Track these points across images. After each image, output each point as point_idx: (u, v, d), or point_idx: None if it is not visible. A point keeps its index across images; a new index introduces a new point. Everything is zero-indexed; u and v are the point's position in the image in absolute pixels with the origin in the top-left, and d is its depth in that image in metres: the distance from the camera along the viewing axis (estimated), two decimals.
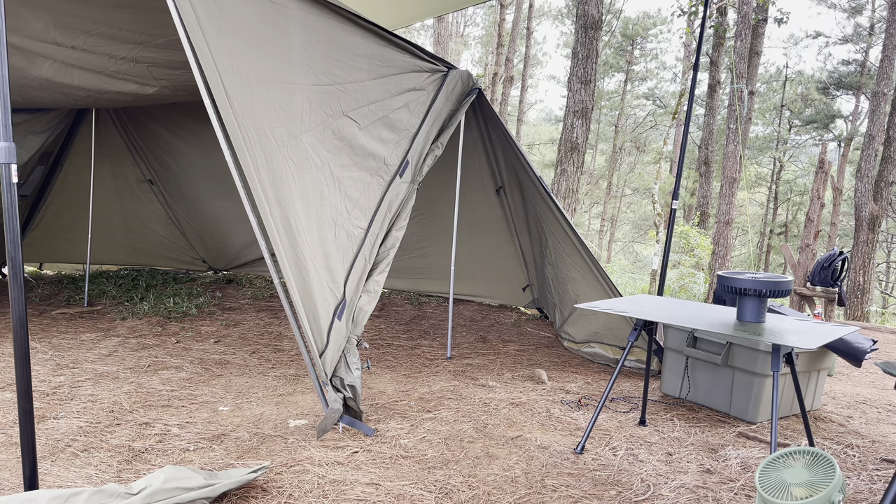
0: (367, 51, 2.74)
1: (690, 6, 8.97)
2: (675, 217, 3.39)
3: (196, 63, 2.08)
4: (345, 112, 2.61)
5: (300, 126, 2.39)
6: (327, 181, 2.53)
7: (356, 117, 2.68)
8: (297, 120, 2.39)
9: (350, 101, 2.64)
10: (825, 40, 25.85)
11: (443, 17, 17.53)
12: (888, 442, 2.61)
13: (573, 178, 7.31)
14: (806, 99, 24.66)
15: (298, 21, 2.43)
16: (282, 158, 2.31)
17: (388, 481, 2.00)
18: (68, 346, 3.58)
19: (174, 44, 3.28)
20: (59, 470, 2.00)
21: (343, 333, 2.48)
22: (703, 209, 14.75)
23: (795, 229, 23.66)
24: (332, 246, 2.50)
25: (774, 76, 25.97)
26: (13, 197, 1.59)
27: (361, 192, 2.66)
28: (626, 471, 2.16)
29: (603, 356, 3.59)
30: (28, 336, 1.62)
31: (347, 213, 2.59)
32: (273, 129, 2.28)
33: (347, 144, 2.64)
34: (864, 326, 8.49)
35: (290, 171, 2.35)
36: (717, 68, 14.25)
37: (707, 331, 2.70)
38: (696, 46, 3.36)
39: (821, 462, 1.55)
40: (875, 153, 12.55)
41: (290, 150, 2.34)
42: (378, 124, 2.79)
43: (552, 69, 40.21)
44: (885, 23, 14.59)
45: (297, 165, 2.37)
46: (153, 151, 5.51)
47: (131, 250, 5.91)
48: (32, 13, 2.75)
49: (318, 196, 2.47)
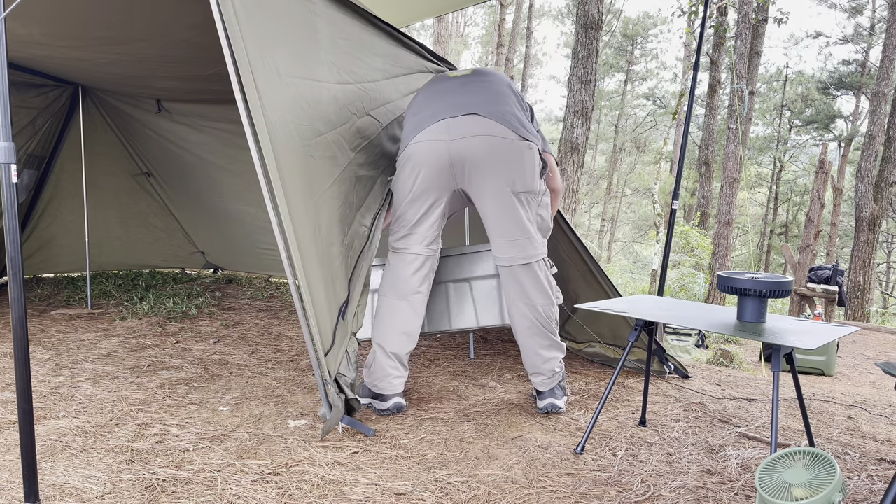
0: (384, 50, 2.75)
1: (690, 6, 8.97)
2: (676, 217, 3.38)
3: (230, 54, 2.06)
4: (367, 111, 2.62)
5: (327, 124, 2.39)
6: (350, 180, 2.53)
7: (378, 116, 2.69)
8: (323, 117, 2.38)
9: (370, 100, 2.65)
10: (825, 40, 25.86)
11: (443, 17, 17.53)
12: (888, 442, 2.61)
13: (573, 178, 7.30)
14: (806, 99, 24.66)
15: (324, 18, 2.43)
16: (305, 156, 2.30)
17: (388, 481, 2.00)
18: (68, 347, 3.58)
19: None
20: (58, 470, 2.00)
21: (347, 332, 2.48)
22: (704, 209, 14.75)
23: (796, 229, 23.66)
24: (343, 245, 2.50)
25: (775, 76, 25.97)
26: (13, 197, 1.59)
27: (370, 191, 2.67)
28: (626, 471, 2.16)
29: (603, 356, 3.59)
30: (28, 336, 1.62)
31: (358, 211, 2.59)
32: (299, 126, 2.27)
33: (370, 143, 2.65)
34: (865, 327, 8.50)
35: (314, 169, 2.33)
36: (717, 68, 14.25)
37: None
38: (697, 46, 3.36)
39: (821, 462, 1.55)
40: (875, 153, 12.55)
41: (315, 147, 2.33)
42: (394, 124, 2.79)
43: (552, 69, 40.26)
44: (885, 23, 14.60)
45: (320, 163, 2.36)
46: (147, 146, 5.48)
47: (129, 251, 5.88)
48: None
49: (339, 195, 2.47)
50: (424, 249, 2.66)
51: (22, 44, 3.44)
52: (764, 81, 24.86)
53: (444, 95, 2.64)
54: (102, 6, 2.91)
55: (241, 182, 5.22)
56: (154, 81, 4.38)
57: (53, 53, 3.78)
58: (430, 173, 2.57)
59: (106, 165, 5.40)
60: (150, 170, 5.68)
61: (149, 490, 1.89)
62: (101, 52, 3.65)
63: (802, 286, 8.94)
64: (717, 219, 12.46)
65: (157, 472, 2.02)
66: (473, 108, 2.55)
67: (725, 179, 12.01)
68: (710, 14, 11.28)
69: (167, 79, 4.23)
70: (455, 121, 2.53)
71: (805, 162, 26.75)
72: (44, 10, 2.92)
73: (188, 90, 4.55)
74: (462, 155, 2.52)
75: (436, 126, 2.54)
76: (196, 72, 3.89)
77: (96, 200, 5.23)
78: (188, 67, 3.82)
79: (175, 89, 4.59)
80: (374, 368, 2.64)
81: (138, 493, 1.87)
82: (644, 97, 29.02)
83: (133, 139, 5.47)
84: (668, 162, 19.84)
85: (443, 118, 2.54)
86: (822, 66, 27.71)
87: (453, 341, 4.02)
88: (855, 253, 11.95)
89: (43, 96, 4.65)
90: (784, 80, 25.14)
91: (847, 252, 21.71)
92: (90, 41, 3.45)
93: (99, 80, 4.63)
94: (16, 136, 4.53)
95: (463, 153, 2.52)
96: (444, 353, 3.74)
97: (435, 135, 2.53)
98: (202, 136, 5.20)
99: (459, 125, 2.52)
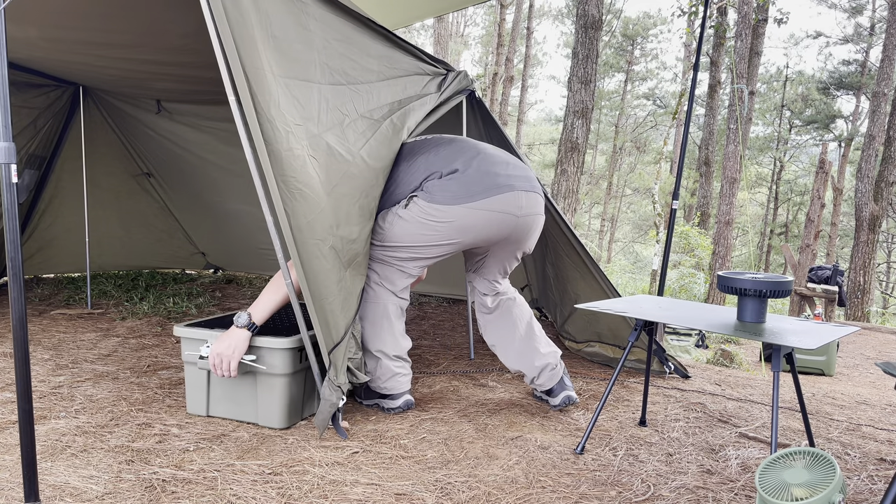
0: (378, 52, 2.74)
1: (690, 6, 8.98)
2: (676, 217, 3.39)
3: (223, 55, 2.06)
4: (360, 113, 2.61)
5: (318, 125, 2.39)
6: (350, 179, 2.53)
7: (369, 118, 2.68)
8: (314, 118, 2.38)
9: (362, 102, 2.64)
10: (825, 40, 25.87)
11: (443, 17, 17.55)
12: (888, 442, 2.61)
13: (573, 179, 7.31)
14: (806, 99, 24.68)
15: (317, 18, 2.42)
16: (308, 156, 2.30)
17: (388, 481, 2.00)
18: (68, 347, 3.58)
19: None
20: (58, 470, 2.00)
21: (351, 331, 2.49)
22: (704, 209, 14.76)
23: (796, 229, 23.68)
24: (346, 245, 2.51)
25: (775, 76, 25.99)
26: (13, 197, 1.59)
27: (367, 193, 2.67)
28: (627, 471, 2.16)
29: (603, 356, 3.59)
30: (28, 336, 1.62)
31: (359, 212, 2.60)
32: (295, 126, 2.27)
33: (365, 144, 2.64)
34: (865, 327, 8.50)
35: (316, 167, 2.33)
36: (717, 68, 14.25)
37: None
38: (697, 46, 3.36)
39: (821, 462, 1.55)
40: (875, 153, 12.56)
41: (315, 148, 2.33)
42: (388, 128, 2.78)
43: (552, 69, 40.28)
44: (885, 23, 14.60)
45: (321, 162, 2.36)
46: (147, 146, 5.48)
47: (129, 251, 5.88)
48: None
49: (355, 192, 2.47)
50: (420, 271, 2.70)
51: (22, 44, 3.45)
52: (764, 81, 24.87)
53: (495, 161, 2.55)
54: (99, 12, 2.92)
55: (242, 182, 5.21)
56: (154, 83, 4.38)
57: (52, 55, 3.78)
58: (480, 238, 2.53)
59: (106, 166, 5.39)
60: (150, 170, 5.67)
61: (149, 490, 1.89)
62: (99, 56, 3.66)
63: (802, 286, 8.95)
64: (717, 219, 12.47)
65: (157, 472, 2.02)
66: (534, 183, 2.55)
67: (725, 179, 12.02)
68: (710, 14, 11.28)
69: (166, 81, 4.24)
70: (527, 196, 2.50)
71: (805, 162, 26.76)
72: (41, 13, 2.92)
73: (188, 91, 4.55)
74: (520, 230, 2.54)
75: (510, 196, 2.46)
76: (194, 75, 3.90)
77: (97, 201, 5.22)
78: (186, 71, 3.83)
79: (175, 90, 4.59)
80: (379, 373, 2.64)
81: (138, 493, 1.87)
82: (644, 97, 29.03)
83: (133, 139, 5.47)
84: (668, 162, 19.85)
85: (516, 189, 2.48)
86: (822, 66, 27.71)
87: (453, 341, 4.02)
88: (855, 253, 11.96)
89: (44, 96, 4.65)
90: (784, 80, 25.15)
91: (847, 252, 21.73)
92: (88, 45, 3.46)
93: (99, 81, 4.63)
94: (16, 136, 4.53)
95: (521, 230, 2.54)
96: (444, 353, 3.74)
97: (506, 206, 2.46)
98: (202, 136, 5.20)
99: (531, 202, 2.51)
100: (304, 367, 2.48)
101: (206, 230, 6.03)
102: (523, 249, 2.70)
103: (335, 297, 2.36)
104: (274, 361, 2.38)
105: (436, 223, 2.48)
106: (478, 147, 2.64)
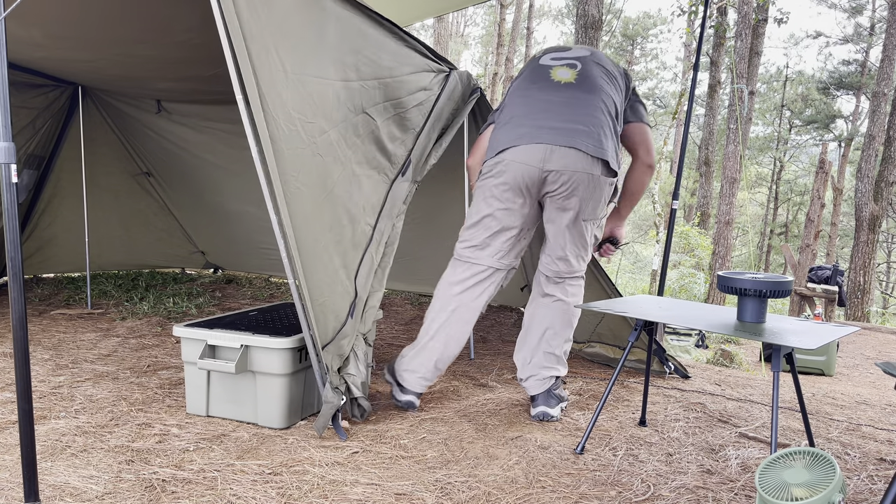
0: (390, 48, 2.75)
1: (690, 6, 8.97)
2: (675, 217, 3.38)
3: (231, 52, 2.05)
4: (364, 108, 2.61)
5: (329, 122, 2.39)
6: (350, 178, 2.53)
7: (374, 114, 2.68)
8: (327, 115, 2.38)
9: (369, 97, 2.64)
10: (825, 40, 25.85)
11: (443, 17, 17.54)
12: (888, 442, 2.61)
13: None
14: (806, 99, 24.67)
15: (333, 14, 2.43)
16: (313, 155, 2.29)
17: (388, 481, 2.00)
18: (68, 347, 3.58)
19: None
20: (58, 470, 2.00)
21: (353, 330, 2.49)
22: (704, 209, 14.75)
23: (796, 229, 23.67)
24: (350, 244, 2.50)
25: (775, 76, 25.98)
26: (13, 197, 1.59)
27: (372, 190, 2.67)
28: (627, 471, 2.16)
29: (603, 356, 3.59)
30: (28, 336, 1.62)
31: (363, 210, 2.59)
32: (305, 123, 2.27)
33: (364, 141, 2.65)
34: (865, 327, 8.50)
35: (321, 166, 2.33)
36: (717, 68, 14.25)
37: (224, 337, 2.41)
38: (697, 46, 3.36)
39: (821, 462, 1.55)
40: (875, 153, 12.55)
41: (321, 146, 2.33)
42: (391, 122, 2.79)
43: None
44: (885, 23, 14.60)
45: (326, 160, 2.36)
46: (147, 146, 5.47)
47: (129, 251, 5.87)
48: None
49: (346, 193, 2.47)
50: (497, 262, 2.72)
51: (22, 44, 3.44)
52: (764, 81, 24.86)
53: (546, 112, 2.57)
54: (102, 7, 2.91)
55: (241, 182, 5.21)
56: (154, 82, 4.37)
57: (53, 55, 3.77)
58: (514, 188, 2.57)
59: (106, 165, 5.38)
60: (150, 170, 5.67)
61: (149, 490, 1.89)
62: (101, 54, 3.65)
63: (802, 286, 8.95)
64: (717, 219, 12.47)
65: (157, 472, 2.02)
66: (574, 140, 2.50)
67: (725, 179, 12.02)
68: (710, 14, 11.27)
69: (167, 80, 4.23)
70: (555, 151, 2.49)
71: (805, 162, 26.76)
72: (44, 12, 2.92)
73: (188, 91, 4.54)
74: (549, 185, 2.54)
75: (535, 148, 2.50)
76: (196, 73, 3.89)
77: (96, 200, 5.21)
78: (188, 68, 3.82)
79: (175, 90, 4.59)
80: (410, 356, 2.68)
81: (138, 493, 1.87)
82: (644, 97, 29.02)
83: (133, 139, 5.47)
84: (669, 162, 19.83)
85: (542, 142, 2.50)
86: (822, 66, 27.68)
87: None
88: (855, 253, 11.96)
89: (43, 96, 4.65)
90: (784, 80, 25.15)
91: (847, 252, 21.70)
92: (90, 42, 3.45)
93: (99, 81, 4.62)
94: (16, 136, 4.53)
95: (551, 185, 2.54)
96: None
97: (530, 158, 2.49)
98: (202, 136, 5.19)
99: (558, 157, 2.49)
100: (304, 367, 2.48)
101: (205, 229, 6.03)
102: (570, 214, 2.59)
103: (328, 296, 2.36)
104: (274, 361, 2.38)
105: (481, 182, 2.65)
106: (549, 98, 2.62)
